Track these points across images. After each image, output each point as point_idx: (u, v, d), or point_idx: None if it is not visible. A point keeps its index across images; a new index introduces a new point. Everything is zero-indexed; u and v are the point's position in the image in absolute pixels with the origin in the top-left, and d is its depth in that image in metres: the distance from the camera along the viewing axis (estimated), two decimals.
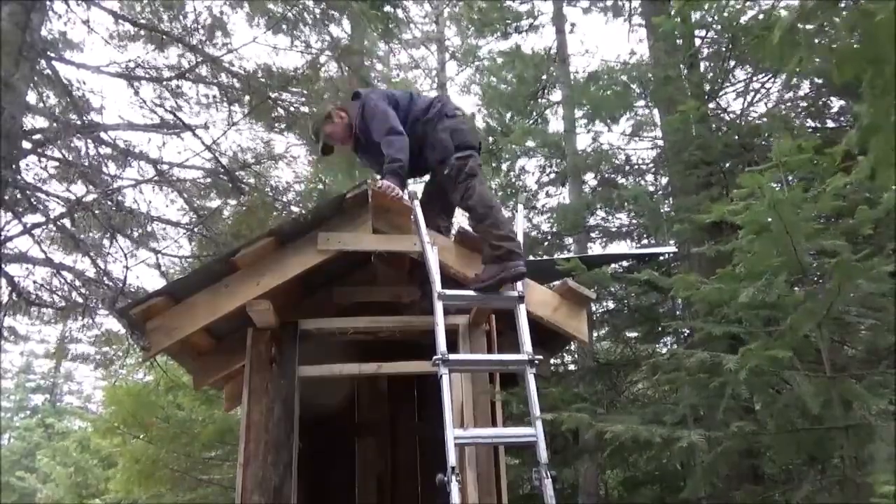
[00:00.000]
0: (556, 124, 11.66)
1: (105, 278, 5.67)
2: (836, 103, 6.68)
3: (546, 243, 10.05)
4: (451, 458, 2.45)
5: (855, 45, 2.29)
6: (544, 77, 10.75)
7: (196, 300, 3.37)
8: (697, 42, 7.48)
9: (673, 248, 6.37)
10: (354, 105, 3.76)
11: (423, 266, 3.51)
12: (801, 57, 2.34)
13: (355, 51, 8.34)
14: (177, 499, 7.92)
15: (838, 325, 3.48)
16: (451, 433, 2.52)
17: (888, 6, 2.02)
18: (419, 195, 3.55)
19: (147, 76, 6.53)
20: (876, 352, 3.66)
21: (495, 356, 3.53)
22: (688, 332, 5.85)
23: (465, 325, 3.60)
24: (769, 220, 3.18)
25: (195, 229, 6.93)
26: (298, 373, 3.58)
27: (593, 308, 6.87)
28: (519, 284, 3.10)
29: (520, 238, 3.34)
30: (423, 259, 3.19)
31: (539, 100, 10.89)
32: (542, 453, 2.62)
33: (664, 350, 6.26)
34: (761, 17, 5.64)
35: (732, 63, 7.13)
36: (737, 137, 6.23)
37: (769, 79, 7.01)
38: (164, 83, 6.69)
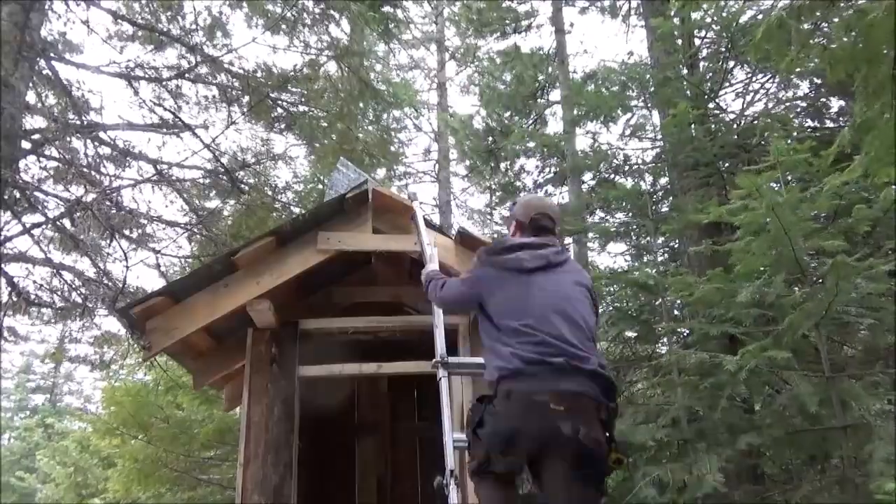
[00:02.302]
0: (555, 125, 11.67)
1: (105, 278, 5.67)
2: (836, 103, 6.70)
3: None
4: (450, 462, 2.43)
5: (848, 44, 2.30)
6: (542, 77, 10.76)
7: (196, 300, 3.37)
8: (697, 42, 7.49)
9: None
10: None
11: (423, 266, 3.52)
12: (791, 57, 2.35)
13: (355, 51, 8.34)
14: (176, 498, 7.92)
15: (837, 325, 3.49)
16: (450, 436, 2.50)
17: (882, 6, 2.03)
18: (418, 196, 3.55)
19: (146, 76, 6.53)
20: (875, 351, 3.66)
21: None
22: (687, 332, 5.85)
23: (466, 326, 3.61)
24: (767, 220, 3.19)
25: (195, 229, 6.93)
26: (298, 373, 3.58)
27: None
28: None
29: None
30: (423, 259, 3.19)
31: (538, 100, 10.89)
32: None
33: (664, 350, 6.27)
34: (760, 17, 5.65)
35: (732, 63, 7.14)
36: (735, 137, 6.24)
37: (769, 79, 7.02)
38: (164, 83, 6.69)
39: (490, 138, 11.05)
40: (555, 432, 2.03)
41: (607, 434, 2.12)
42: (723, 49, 7.07)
